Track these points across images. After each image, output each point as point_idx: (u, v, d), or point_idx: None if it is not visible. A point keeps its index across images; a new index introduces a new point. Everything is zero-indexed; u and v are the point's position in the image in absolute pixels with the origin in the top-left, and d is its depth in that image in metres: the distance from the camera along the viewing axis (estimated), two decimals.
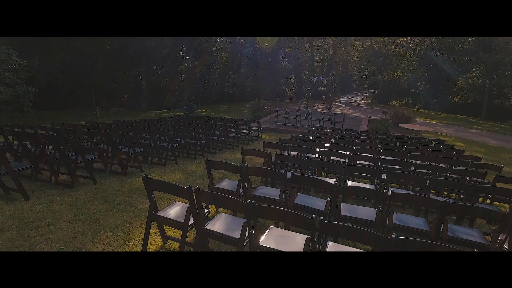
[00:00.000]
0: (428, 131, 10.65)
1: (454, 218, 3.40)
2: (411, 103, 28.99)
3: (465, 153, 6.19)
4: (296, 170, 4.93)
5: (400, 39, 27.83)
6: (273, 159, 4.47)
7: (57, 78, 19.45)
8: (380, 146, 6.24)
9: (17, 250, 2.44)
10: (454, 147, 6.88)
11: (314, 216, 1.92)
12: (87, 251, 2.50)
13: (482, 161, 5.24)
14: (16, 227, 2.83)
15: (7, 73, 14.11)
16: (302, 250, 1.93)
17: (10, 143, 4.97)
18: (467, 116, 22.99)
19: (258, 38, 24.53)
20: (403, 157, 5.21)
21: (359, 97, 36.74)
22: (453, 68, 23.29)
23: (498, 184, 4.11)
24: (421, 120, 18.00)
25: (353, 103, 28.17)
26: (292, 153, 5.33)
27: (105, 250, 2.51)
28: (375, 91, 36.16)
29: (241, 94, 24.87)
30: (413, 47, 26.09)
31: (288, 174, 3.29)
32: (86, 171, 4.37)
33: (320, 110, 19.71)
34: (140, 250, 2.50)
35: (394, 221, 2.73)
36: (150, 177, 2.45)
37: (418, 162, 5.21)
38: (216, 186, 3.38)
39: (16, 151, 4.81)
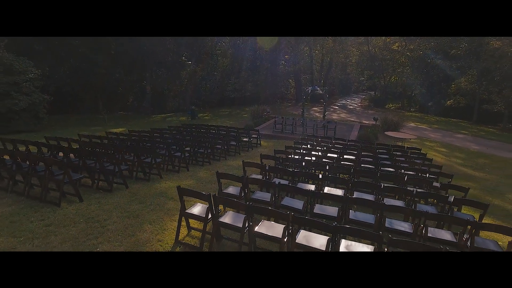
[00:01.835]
0: (411, 139, 11.73)
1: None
2: (407, 106, 30.05)
3: (445, 158, 7.32)
4: (288, 176, 6.05)
5: (396, 44, 28.86)
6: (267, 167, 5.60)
7: (65, 84, 20.55)
8: (362, 153, 7.40)
9: (91, 237, 3.58)
10: (427, 156, 8.01)
11: (288, 212, 3.04)
12: (139, 238, 3.64)
13: (460, 167, 6.36)
14: (83, 221, 3.98)
15: (24, 82, 15.26)
16: (281, 236, 3.06)
17: (55, 155, 6.11)
18: (460, 119, 23.98)
19: (258, 40, 25.49)
20: (376, 167, 6.35)
21: (357, 99, 37.89)
22: (447, 72, 24.34)
23: (450, 191, 5.25)
24: (412, 124, 19.06)
25: (350, 106, 29.30)
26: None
27: (149, 237, 3.65)
28: (374, 93, 37.29)
29: (241, 98, 25.88)
30: (407, 53, 27.10)
31: (277, 181, 4.42)
32: (117, 178, 5.50)
33: (317, 114, 20.87)
34: (173, 237, 3.64)
35: (351, 217, 3.85)
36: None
37: (390, 169, 6.38)
38: (224, 191, 4.51)
39: (60, 162, 5.95)
